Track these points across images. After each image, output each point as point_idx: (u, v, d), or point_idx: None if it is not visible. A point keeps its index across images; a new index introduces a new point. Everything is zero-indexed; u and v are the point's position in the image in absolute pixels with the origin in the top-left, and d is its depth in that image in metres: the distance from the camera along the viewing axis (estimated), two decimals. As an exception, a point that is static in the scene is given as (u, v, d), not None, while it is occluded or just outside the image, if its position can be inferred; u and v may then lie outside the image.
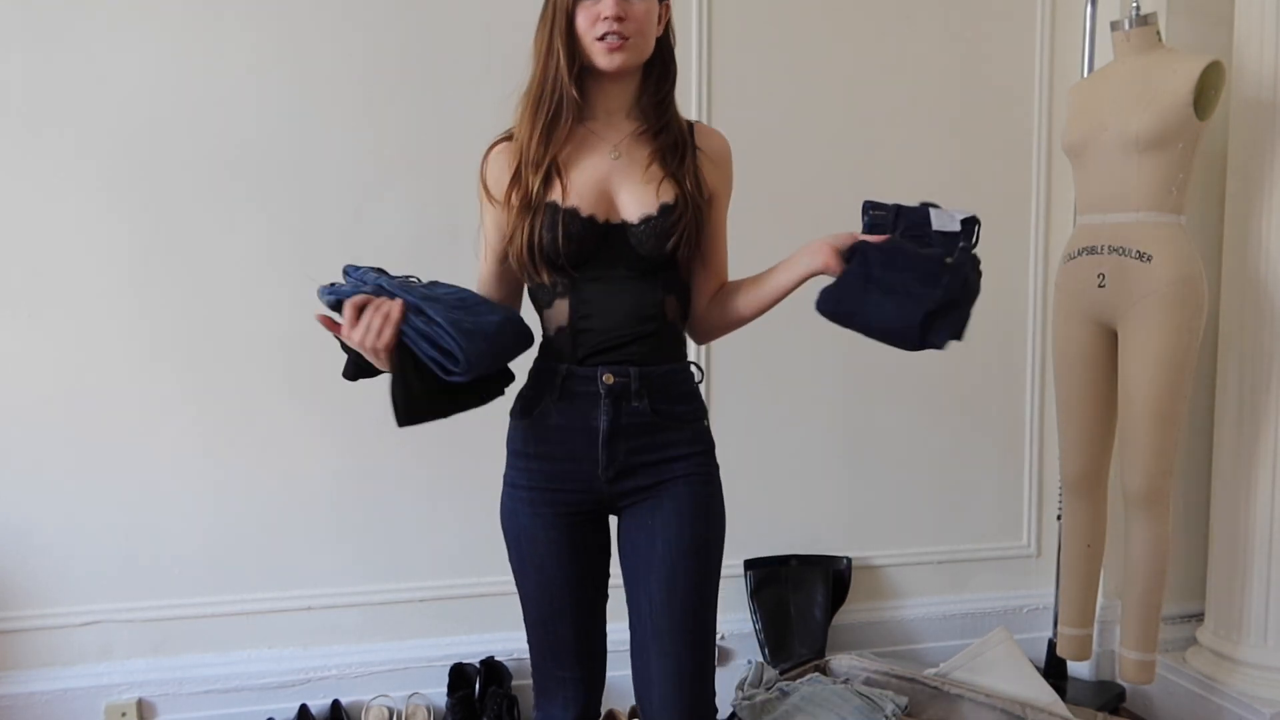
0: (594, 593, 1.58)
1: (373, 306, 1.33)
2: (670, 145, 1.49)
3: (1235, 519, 2.45)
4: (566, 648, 1.56)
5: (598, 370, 1.47)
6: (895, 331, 1.39)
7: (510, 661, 2.49)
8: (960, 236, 1.44)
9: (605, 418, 1.47)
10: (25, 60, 2.22)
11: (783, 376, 2.68)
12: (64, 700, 2.32)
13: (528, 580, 1.55)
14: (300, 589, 2.45)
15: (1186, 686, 2.56)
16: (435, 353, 1.32)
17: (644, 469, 1.49)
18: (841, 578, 2.70)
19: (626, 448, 1.48)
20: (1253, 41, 2.36)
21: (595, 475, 1.49)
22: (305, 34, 2.35)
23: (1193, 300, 2.23)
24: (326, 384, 2.39)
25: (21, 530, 2.30)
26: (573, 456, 1.49)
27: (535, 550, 1.53)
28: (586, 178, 1.47)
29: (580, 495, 1.51)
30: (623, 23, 1.41)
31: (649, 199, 1.46)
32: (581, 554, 1.54)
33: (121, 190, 2.29)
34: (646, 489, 1.50)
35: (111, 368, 2.31)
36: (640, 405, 1.47)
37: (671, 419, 1.50)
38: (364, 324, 1.32)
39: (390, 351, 1.33)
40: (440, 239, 2.34)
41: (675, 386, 1.52)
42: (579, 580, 1.54)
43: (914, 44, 2.70)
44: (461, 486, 2.48)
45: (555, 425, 1.50)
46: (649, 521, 1.50)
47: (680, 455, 1.51)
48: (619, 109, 1.51)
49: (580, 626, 1.56)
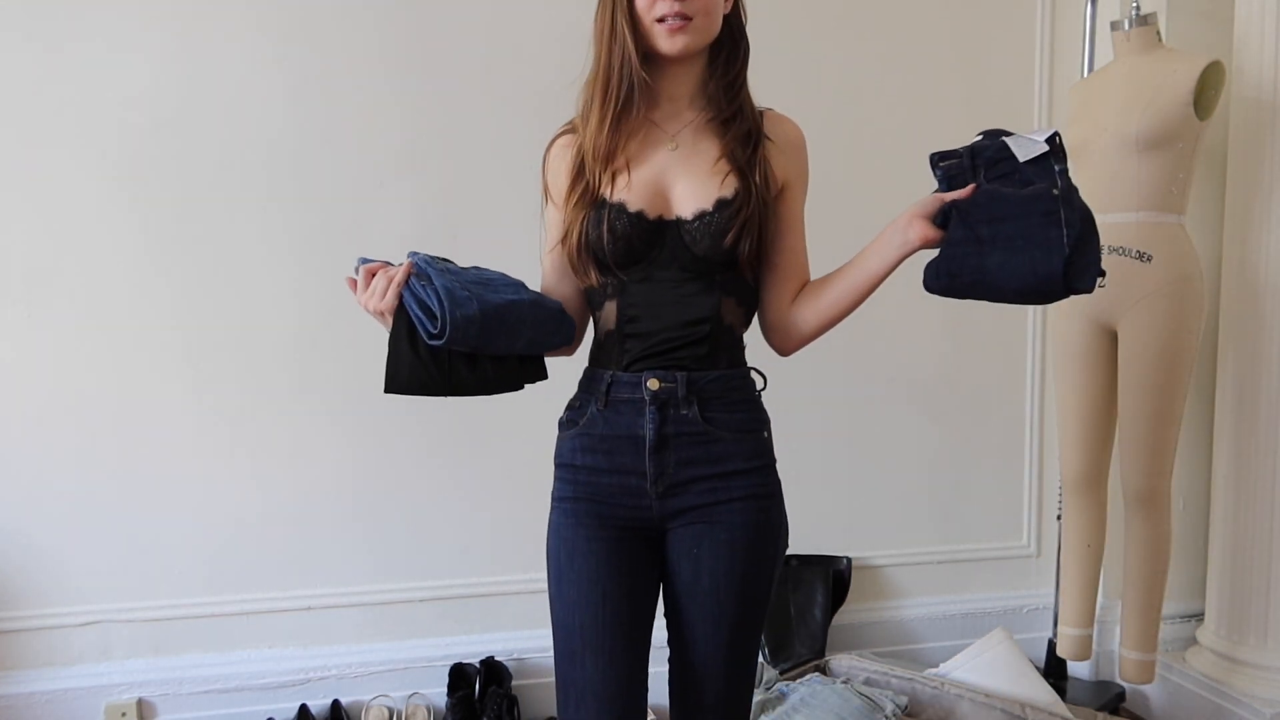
0: (635, 622, 1.40)
1: (382, 271, 1.30)
2: (742, 135, 1.39)
3: (1235, 519, 2.45)
4: (593, 690, 1.36)
5: (643, 375, 1.37)
6: (1036, 288, 1.24)
7: (510, 661, 2.48)
8: (1051, 158, 1.28)
9: (651, 425, 1.36)
10: (29, 57, 2.22)
11: (782, 376, 2.68)
12: (64, 700, 2.32)
13: (561, 601, 1.40)
14: (300, 589, 2.45)
15: (1186, 686, 2.56)
16: (420, 313, 1.28)
17: (698, 484, 1.38)
18: (841, 578, 2.70)
19: (677, 459, 1.37)
20: (1253, 41, 2.36)
21: (645, 490, 1.38)
22: (307, 34, 2.35)
23: (1193, 300, 2.23)
24: (327, 385, 2.42)
25: (22, 530, 2.30)
26: (620, 469, 1.38)
27: (573, 564, 1.39)
28: (643, 172, 1.38)
29: (629, 511, 1.39)
30: (685, 2, 1.31)
31: (707, 193, 1.36)
32: (628, 574, 1.39)
33: (123, 188, 2.29)
34: (700, 509, 1.38)
35: (112, 367, 2.31)
36: (690, 413, 1.37)
37: (727, 428, 1.39)
38: (370, 287, 1.29)
39: (390, 312, 1.29)
40: (443, 237, 2.34)
41: (731, 394, 1.40)
42: (620, 601, 1.37)
43: (914, 43, 2.70)
44: (462, 487, 2.48)
45: (601, 435, 1.39)
46: (695, 550, 1.39)
47: (739, 470, 1.39)
48: (683, 95, 1.41)
49: (614, 660, 1.36)
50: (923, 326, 2.78)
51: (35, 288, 2.27)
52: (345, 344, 2.39)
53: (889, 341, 2.75)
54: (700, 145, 1.40)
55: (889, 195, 2.73)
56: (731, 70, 1.42)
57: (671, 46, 1.34)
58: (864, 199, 2.71)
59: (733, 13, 1.42)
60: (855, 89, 2.67)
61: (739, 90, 1.42)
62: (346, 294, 1.33)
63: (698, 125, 1.41)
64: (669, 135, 1.40)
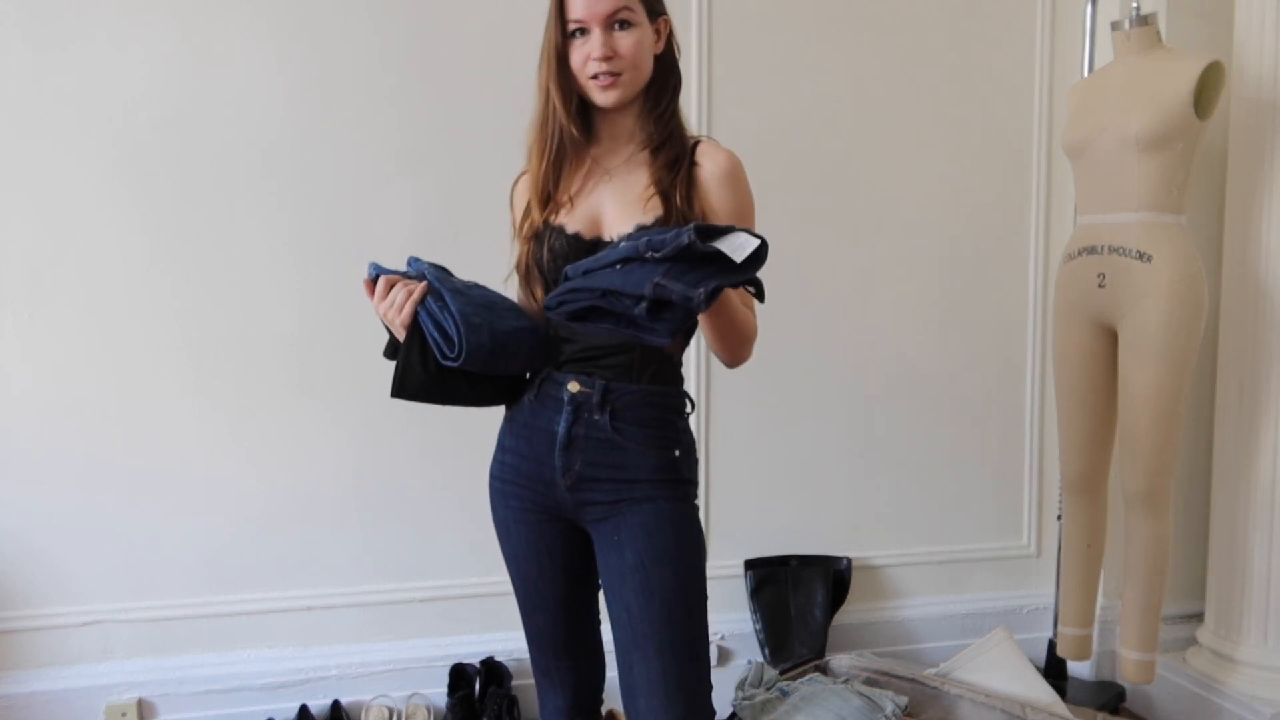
0: (572, 589, 1.58)
1: (401, 284, 1.42)
2: (670, 161, 1.47)
3: (1235, 519, 2.45)
4: (548, 638, 1.60)
5: (567, 377, 1.48)
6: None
7: (510, 661, 2.49)
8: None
9: (564, 424, 1.47)
10: (30, 57, 2.22)
11: (783, 377, 2.68)
12: (64, 700, 2.32)
13: (509, 569, 1.60)
14: (300, 589, 2.45)
15: (1186, 686, 2.56)
16: (438, 335, 1.41)
17: (603, 485, 1.47)
18: (841, 578, 2.70)
19: (583, 459, 1.47)
20: (1253, 41, 2.36)
21: (556, 480, 1.49)
22: (308, 34, 2.35)
23: (1193, 300, 2.23)
24: (327, 385, 2.42)
25: (22, 530, 2.30)
26: (536, 457, 1.51)
27: (510, 541, 1.58)
28: (582, 201, 1.49)
29: (543, 498, 1.52)
30: (612, 60, 1.42)
31: (632, 217, 1.44)
32: (554, 552, 1.55)
33: (124, 188, 2.29)
34: (607, 505, 1.48)
35: (112, 367, 2.31)
36: (600, 419, 1.46)
37: (634, 440, 1.46)
38: (390, 299, 1.41)
39: (407, 327, 1.42)
40: (443, 237, 2.34)
41: (646, 409, 1.48)
42: (554, 576, 1.56)
43: (914, 44, 2.70)
44: (462, 487, 2.47)
45: (525, 423, 1.52)
46: (615, 537, 1.48)
47: (642, 479, 1.47)
48: (621, 134, 1.51)
49: (559, 619, 1.58)
50: (923, 326, 2.78)
51: (35, 288, 2.27)
52: (345, 344, 2.39)
53: (889, 342, 2.75)
54: (632, 176, 1.49)
55: (889, 195, 2.75)
56: (661, 104, 1.50)
57: (605, 100, 1.45)
58: (864, 199, 2.72)
59: (665, 50, 1.51)
60: (855, 89, 2.67)
61: (669, 120, 1.50)
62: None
63: (632, 158, 1.51)
64: (607, 170, 1.50)
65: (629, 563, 1.46)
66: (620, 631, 1.49)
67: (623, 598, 1.47)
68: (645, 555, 1.46)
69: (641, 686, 1.45)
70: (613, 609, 1.50)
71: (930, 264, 2.76)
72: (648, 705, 1.45)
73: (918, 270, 2.76)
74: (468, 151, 2.43)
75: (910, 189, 2.75)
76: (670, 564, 1.46)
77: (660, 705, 1.44)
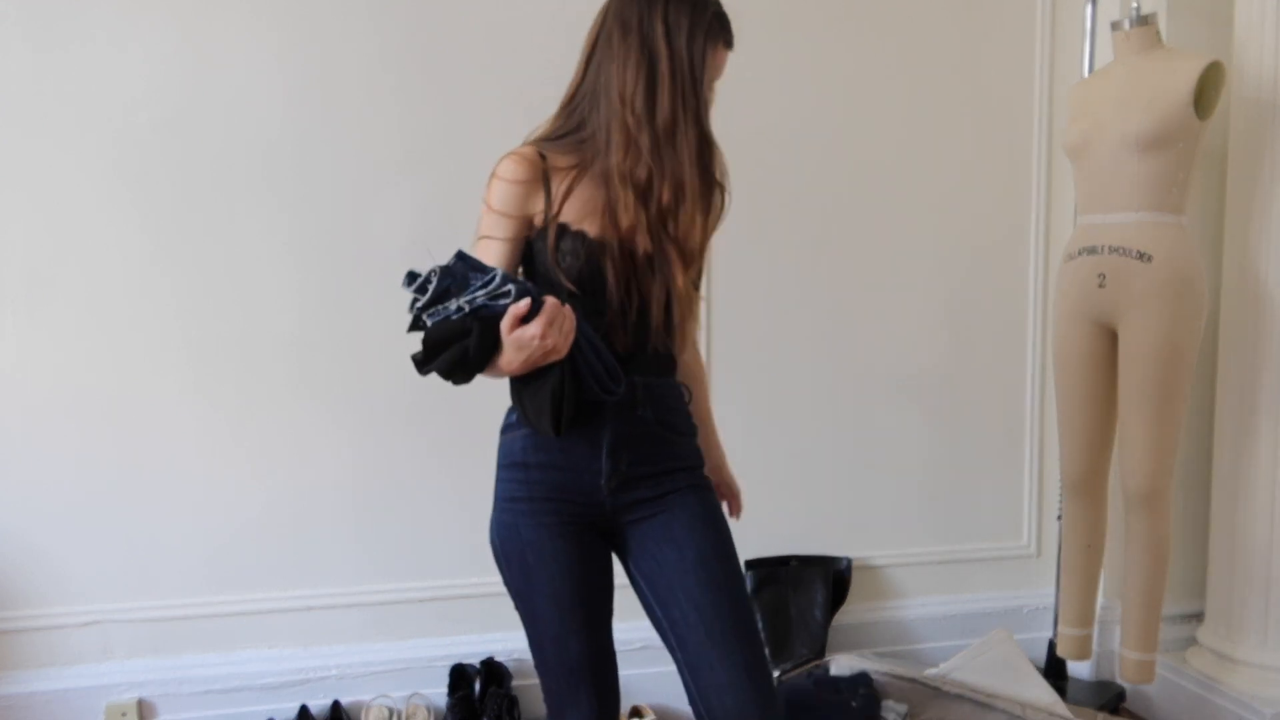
0: (604, 604, 1.54)
1: (561, 311, 1.29)
2: None
3: (1235, 519, 2.45)
4: (582, 662, 1.51)
5: None
6: None
7: (510, 661, 2.49)
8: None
9: (611, 426, 1.46)
10: (30, 57, 2.22)
11: (783, 376, 2.68)
12: (64, 700, 2.32)
13: (537, 595, 1.49)
14: (300, 589, 2.45)
15: (1186, 686, 2.56)
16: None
17: (646, 480, 1.49)
18: (841, 578, 2.70)
19: (629, 458, 1.47)
20: (1253, 41, 2.36)
21: (598, 486, 1.47)
22: (308, 34, 2.35)
23: (1193, 300, 2.22)
24: (327, 385, 2.42)
25: (22, 530, 2.30)
26: (574, 466, 1.47)
27: (543, 563, 1.47)
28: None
29: (581, 508, 1.48)
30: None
31: None
32: (590, 564, 1.50)
33: (124, 188, 2.29)
34: (650, 501, 1.49)
35: (112, 367, 2.31)
36: (645, 414, 1.48)
37: (673, 431, 1.52)
38: (558, 324, 1.28)
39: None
40: (443, 237, 2.33)
41: (674, 400, 1.54)
42: (590, 591, 1.50)
43: (914, 44, 2.70)
44: (462, 487, 2.47)
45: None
46: (667, 533, 1.48)
47: (681, 467, 1.52)
48: None
49: (593, 640, 1.51)
50: (923, 327, 2.78)
51: (35, 288, 2.27)
52: (345, 344, 2.39)
53: (889, 342, 2.75)
54: None
55: (889, 194, 2.75)
56: None
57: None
58: (864, 199, 2.72)
59: None
60: (855, 89, 2.67)
61: None
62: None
63: None
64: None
65: (690, 559, 1.47)
66: (689, 633, 1.45)
67: (689, 595, 1.45)
68: (706, 550, 1.48)
69: (730, 684, 1.43)
70: (671, 613, 1.47)
71: (930, 264, 2.76)
72: (737, 701, 1.42)
73: (918, 270, 2.76)
74: (468, 151, 2.42)
75: (910, 189, 2.75)
76: (728, 558, 1.50)
77: (751, 699, 1.42)
